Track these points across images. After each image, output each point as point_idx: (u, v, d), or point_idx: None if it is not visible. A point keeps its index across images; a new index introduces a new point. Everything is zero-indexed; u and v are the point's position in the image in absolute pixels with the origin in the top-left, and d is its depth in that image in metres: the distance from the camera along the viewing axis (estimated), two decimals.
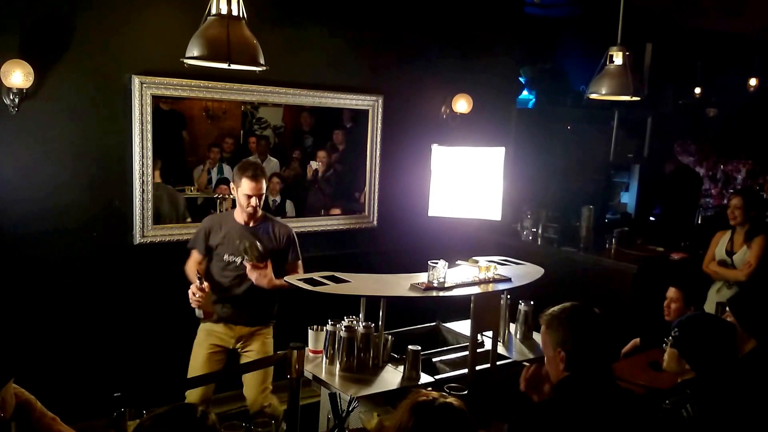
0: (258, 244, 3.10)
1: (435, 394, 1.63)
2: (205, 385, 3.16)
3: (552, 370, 2.01)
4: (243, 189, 3.09)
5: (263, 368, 3.19)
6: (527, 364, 3.09)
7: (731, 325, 2.45)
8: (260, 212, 3.21)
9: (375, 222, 4.60)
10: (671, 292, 3.44)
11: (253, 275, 3.08)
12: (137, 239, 3.64)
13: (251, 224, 3.19)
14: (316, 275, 3.04)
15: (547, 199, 5.50)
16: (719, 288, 4.14)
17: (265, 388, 3.23)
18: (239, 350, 3.29)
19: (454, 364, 3.01)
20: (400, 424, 1.57)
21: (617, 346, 3.74)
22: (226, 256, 3.17)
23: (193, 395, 3.12)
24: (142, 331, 3.72)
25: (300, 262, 3.32)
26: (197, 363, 3.21)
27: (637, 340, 3.62)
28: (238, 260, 3.15)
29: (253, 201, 3.10)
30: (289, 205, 4.27)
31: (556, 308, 2.04)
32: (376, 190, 4.58)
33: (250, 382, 3.22)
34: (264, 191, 3.15)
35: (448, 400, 1.61)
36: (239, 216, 3.20)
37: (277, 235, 3.24)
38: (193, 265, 3.23)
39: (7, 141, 3.25)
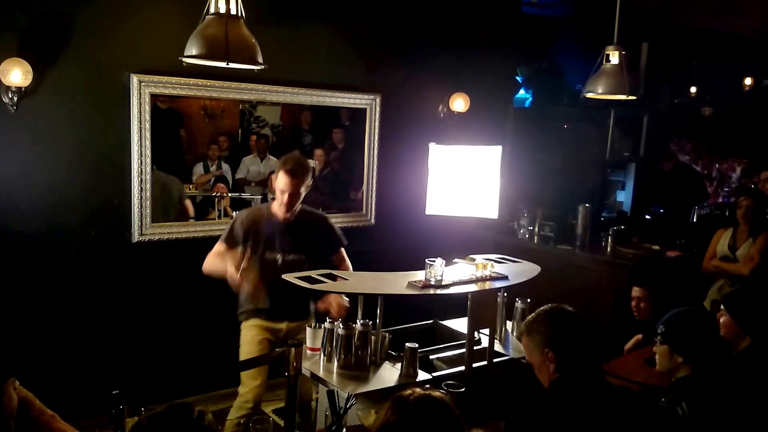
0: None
1: (418, 390, 1.64)
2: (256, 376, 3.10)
3: (543, 376, 2.03)
4: (278, 182, 2.95)
5: (263, 365, 3.20)
6: (524, 361, 3.12)
7: (711, 314, 2.49)
8: (298, 208, 3.03)
9: (372, 220, 4.61)
10: (635, 291, 3.45)
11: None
12: (136, 237, 3.65)
13: (289, 219, 3.01)
14: (313, 273, 3.05)
15: (543, 197, 5.52)
16: (720, 286, 4.16)
17: None
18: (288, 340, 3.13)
19: (451, 362, 3.02)
20: (385, 421, 1.58)
21: (611, 344, 3.76)
22: (267, 254, 3.03)
23: (249, 394, 3.11)
24: (141, 329, 3.73)
25: (343, 248, 3.23)
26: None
27: (640, 336, 3.64)
28: (279, 258, 3.03)
29: (285, 197, 2.94)
30: None
31: (530, 316, 2.09)
32: (374, 188, 4.59)
33: None
34: (299, 191, 2.96)
35: (431, 396, 1.60)
36: (278, 209, 3.02)
37: (315, 228, 3.12)
38: (216, 256, 3.02)
39: (6, 139, 3.25)
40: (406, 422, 1.56)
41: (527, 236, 5.22)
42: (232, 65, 2.50)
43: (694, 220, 5.94)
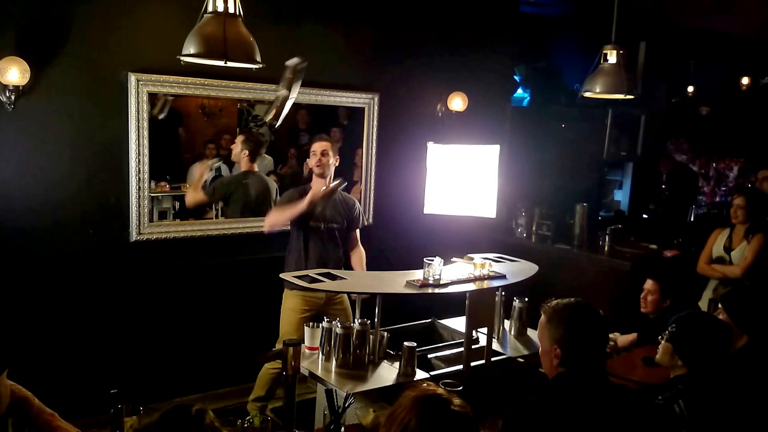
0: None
1: (442, 392, 1.56)
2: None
3: (545, 363, 2.03)
4: (311, 149, 3.52)
5: (270, 361, 3.24)
6: (522, 360, 3.13)
7: (728, 326, 2.48)
8: (330, 172, 3.54)
9: (371, 219, 4.61)
10: (648, 284, 3.49)
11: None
12: (134, 236, 3.64)
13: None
14: (312, 272, 3.06)
15: (541, 196, 5.54)
16: (715, 287, 4.17)
17: None
18: (326, 309, 3.54)
19: (449, 361, 3.03)
20: (404, 424, 1.49)
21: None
22: (311, 223, 3.52)
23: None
24: (139, 328, 3.73)
25: (358, 231, 3.75)
26: (291, 327, 3.46)
27: (635, 335, 3.65)
28: (321, 225, 3.51)
29: (316, 159, 3.48)
30: None
31: (560, 303, 2.01)
32: (372, 187, 4.60)
33: None
34: (329, 152, 3.50)
35: (454, 406, 1.52)
36: (317, 185, 3.52)
37: (348, 204, 3.68)
38: (273, 213, 3.56)
39: (4, 138, 3.24)
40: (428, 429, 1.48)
41: (525, 235, 5.23)
42: (230, 64, 2.50)
43: (692, 219, 5.95)
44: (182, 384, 3.77)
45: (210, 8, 2.48)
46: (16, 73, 3.09)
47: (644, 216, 6.63)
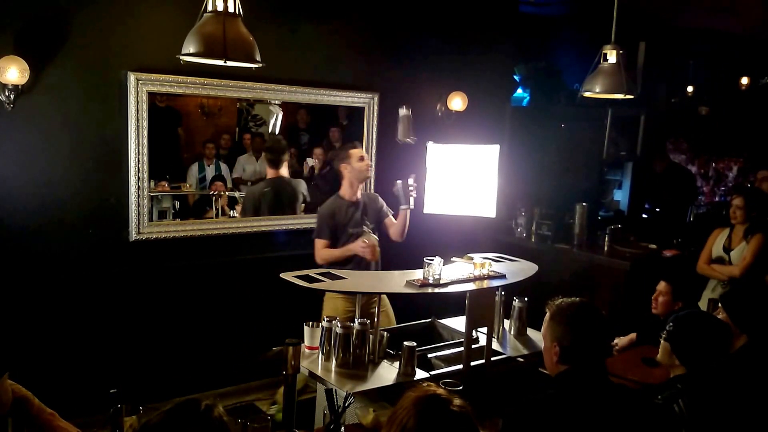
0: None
1: (442, 393, 1.56)
2: None
3: (547, 360, 2.05)
4: (356, 155, 3.65)
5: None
6: (521, 359, 3.14)
7: (726, 325, 2.48)
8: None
9: None
10: (661, 285, 3.49)
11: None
12: (133, 236, 3.64)
13: (357, 198, 3.71)
14: (312, 272, 3.06)
15: (541, 196, 5.54)
16: (714, 287, 4.17)
17: None
18: (367, 309, 3.42)
19: (449, 360, 3.03)
20: (402, 424, 1.49)
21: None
22: (350, 230, 3.64)
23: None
24: (138, 328, 3.73)
25: (391, 216, 3.89)
26: None
27: (634, 335, 3.65)
28: (359, 231, 3.62)
29: (366, 164, 3.69)
30: None
31: (564, 301, 2.03)
32: (372, 187, 4.59)
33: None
34: None
35: (454, 406, 1.52)
36: (347, 193, 3.69)
37: (376, 201, 3.85)
38: (325, 249, 3.60)
39: (3, 137, 3.24)
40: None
41: (525, 235, 5.23)
42: (229, 63, 2.50)
43: (691, 219, 5.95)
44: (182, 383, 3.77)
45: (210, 7, 2.48)
46: (15, 72, 3.09)
47: (644, 216, 6.63)
